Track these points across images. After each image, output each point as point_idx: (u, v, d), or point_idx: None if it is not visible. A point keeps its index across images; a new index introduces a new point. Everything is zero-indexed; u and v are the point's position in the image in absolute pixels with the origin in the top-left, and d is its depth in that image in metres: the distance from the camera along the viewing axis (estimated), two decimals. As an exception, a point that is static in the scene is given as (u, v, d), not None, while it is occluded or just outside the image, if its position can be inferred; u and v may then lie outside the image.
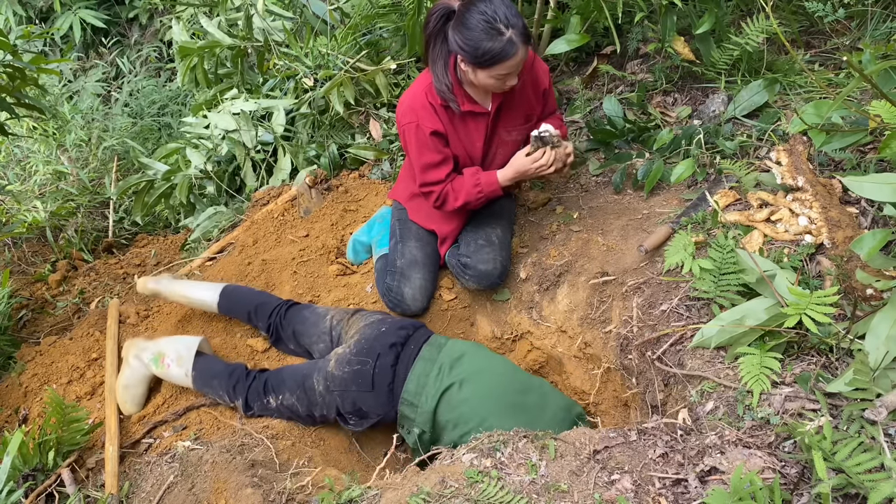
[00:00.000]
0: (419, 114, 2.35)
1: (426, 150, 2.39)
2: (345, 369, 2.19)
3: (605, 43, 3.31)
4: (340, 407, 2.20)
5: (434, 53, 2.29)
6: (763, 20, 2.62)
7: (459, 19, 2.13)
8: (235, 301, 2.64)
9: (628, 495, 1.52)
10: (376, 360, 2.19)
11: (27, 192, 4.38)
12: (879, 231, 1.73)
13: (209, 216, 3.59)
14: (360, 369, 2.18)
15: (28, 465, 2.08)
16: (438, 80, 2.30)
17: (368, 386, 2.16)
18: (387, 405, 2.18)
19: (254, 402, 2.29)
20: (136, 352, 2.47)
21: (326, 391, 2.20)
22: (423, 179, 2.45)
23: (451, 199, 2.45)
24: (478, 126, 2.41)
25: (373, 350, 2.21)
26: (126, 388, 2.42)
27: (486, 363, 2.18)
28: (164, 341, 2.48)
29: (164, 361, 2.41)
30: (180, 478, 2.05)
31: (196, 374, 2.37)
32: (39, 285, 3.47)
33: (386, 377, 2.17)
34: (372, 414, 2.19)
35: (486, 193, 2.42)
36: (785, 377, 1.66)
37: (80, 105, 5.07)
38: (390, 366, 2.19)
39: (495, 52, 2.09)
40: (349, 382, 2.17)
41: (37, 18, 5.88)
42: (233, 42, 3.65)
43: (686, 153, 2.58)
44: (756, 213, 2.12)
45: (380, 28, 3.63)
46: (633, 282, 2.23)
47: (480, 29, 2.08)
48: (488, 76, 2.18)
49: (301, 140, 3.61)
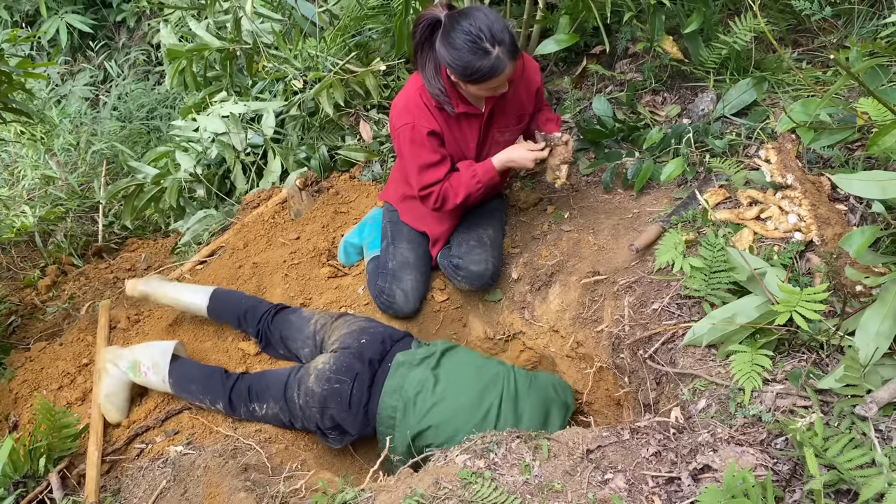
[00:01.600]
0: (415, 114, 2.33)
1: (423, 151, 2.37)
2: (324, 386, 2.18)
3: (594, 43, 3.31)
4: (319, 423, 2.20)
5: (423, 60, 2.28)
6: (751, 19, 2.63)
7: (446, 35, 2.11)
8: (225, 306, 2.63)
9: (622, 494, 1.52)
10: (354, 380, 2.18)
11: (16, 197, 4.35)
12: (868, 228, 1.74)
13: (199, 220, 3.57)
14: (338, 388, 2.18)
15: (19, 472, 2.06)
16: (430, 84, 2.29)
17: (346, 406, 2.17)
18: (364, 425, 2.19)
19: (238, 405, 2.28)
20: (112, 359, 2.43)
21: (306, 406, 2.20)
22: (421, 182, 2.42)
23: (451, 197, 2.42)
24: (471, 127, 2.41)
25: (351, 369, 2.20)
26: (108, 396, 2.39)
27: (452, 380, 2.17)
28: (139, 349, 2.44)
29: (140, 370, 2.38)
30: (173, 483, 2.04)
31: (173, 381, 2.35)
32: (29, 291, 3.45)
33: (362, 398, 2.18)
34: (351, 431, 2.19)
35: (485, 182, 2.39)
36: (776, 374, 1.67)
37: (67, 109, 5.05)
38: (367, 387, 2.19)
39: (484, 70, 2.08)
40: (327, 400, 2.17)
41: (23, 22, 5.85)
42: (221, 45, 3.63)
43: (676, 152, 2.59)
44: (746, 211, 2.13)
45: (369, 29, 3.63)
46: (625, 281, 2.23)
47: (467, 49, 2.06)
48: (478, 89, 2.19)
49: (291, 142, 3.60)
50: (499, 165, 2.39)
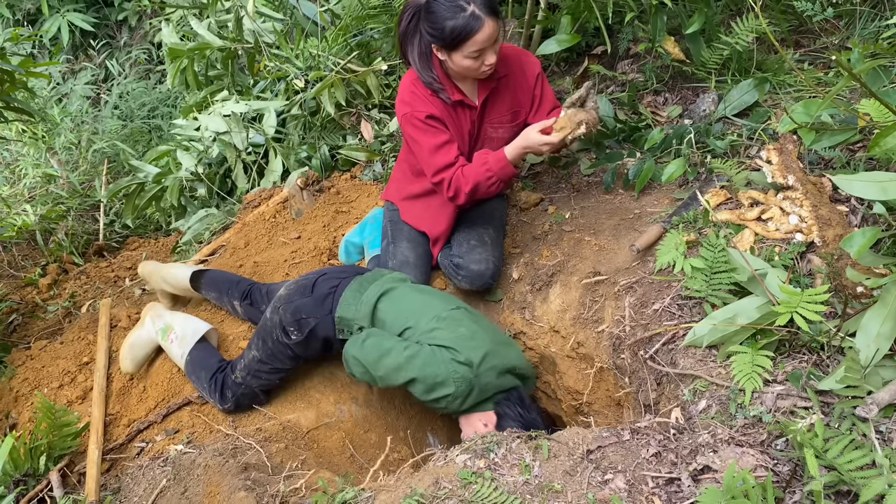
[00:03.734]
0: (412, 104, 2.36)
1: (428, 134, 2.35)
2: (290, 288, 2.29)
3: (595, 43, 3.31)
4: (283, 320, 2.22)
5: (412, 52, 2.33)
6: (752, 20, 2.63)
7: (426, 8, 2.18)
8: (213, 276, 2.71)
9: (622, 495, 1.52)
10: (319, 275, 2.31)
11: (17, 195, 4.36)
12: (869, 229, 1.73)
13: (200, 219, 3.58)
14: (302, 283, 2.29)
15: (19, 471, 2.06)
16: (423, 74, 2.33)
17: (308, 291, 2.25)
18: (323, 309, 2.22)
19: (227, 391, 2.29)
20: (153, 315, 2.53)
21: (273, 312, 2.26)
22: (433, 166, 2.38)
23: (462, 185, 2.36)
24: (466, 119, 2.43)
25: (317, 272, 2.34)
26: (132, 346, 2.48)
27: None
28: (179, 317, 2.52)
29: (169, 336, 2.45)
30: (173, 482, 2.04)
31: (189, 360, 2.38)
32: (30, 289, 3.45)
33: (326, 285, 2.27)
34: (310, 318, 2.21)
35: (496, 171, 2.32)
36: (777, 375, 1.67)
37: (69, 108, 5.05)
38: (331, 286, 2.27)
39: (459, 28, 2.12)
40: (292, 295, 2.26)
41: (24, 21, 5.85)
42: (223, 44, 3.63)
43: (677, 152, 2.59)
44: (747, 212, 2.13)
45: (370, 29, 3.63)
46: (625, 281, 2.23)
47: (444, 9, 2.12)
48: (463, 57, 2.20)
49: (292, 142, 3.60)
50: (513, 154, 2.32)
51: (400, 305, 2.19)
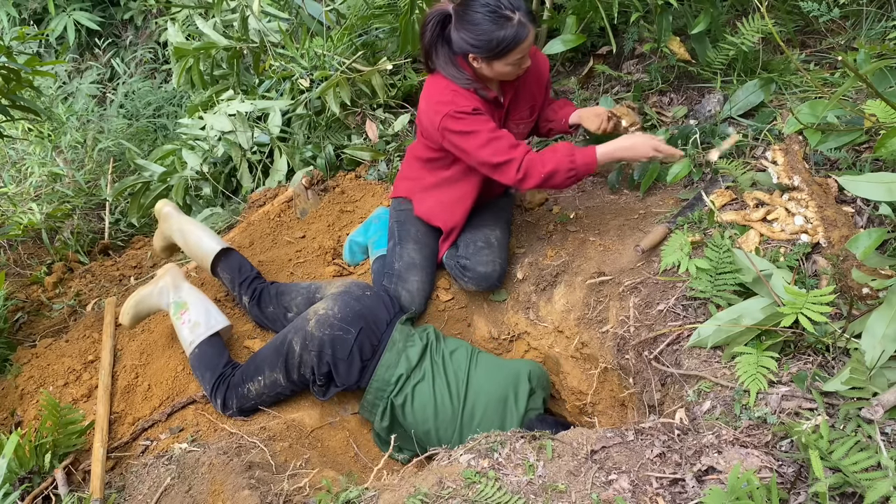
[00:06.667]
0: (454, 101, 2.23)
1: (480, 122, 2.23)
2: (325, 332, 2.20)
3: (600, 43, 3.31)
4: (316, 368, 2.21)
5: (440, 60, 2.27)
6: (758, 20, 2.63)
7: (461, 18, 2.13)
8: (233, 258, 2.65)
9: (626, 495, 1.52)
10: (359, 332, 2.22)
11: (23, 194, 4.37)
12: (875, 230, 1.73)
13: (205, 218, 3.58)
14: (341, 336, 2.20)
15: (24, 468, 2.07)
16: (457, 79, 2.26)
17: (345, 354, 2.20)
18: (357, 378, 2.22)
19: (230, 399, 2.29)
20: (172, 281, 2.46)
21: (304, 350, 2.21)
22: (498, 150, 2.22)
23: (538, 167, 2.20)
24: (495, 117, 2.41)
25: (357, 320, 2.24)
26: (137, 303, 2.43)
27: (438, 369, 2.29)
28: (199, 301, 2.44)
29: (182, 315, 2.38)
30: (177, 480, 2.04)
31: (197, 353, 2.36)
32: (35, 287, 3.46)
33: (365, 353, 2.22)
34: (338, 382, 2.22)
35: (579, 166, 2.20)
36: (782, 376, 1.66)
37: (75, 107, 5.06)
38: (372, 344, 2.23)
39: (509, 38, 2.09)
40: (327, 345, 2.20)
41: (31, 20, 5.87)
42: (228, 43, 3.64)
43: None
44: (752, 213, 2.12)
45: (375, 29, 3.63)
46: (630, 282, 2.23)
47: (488, 21, 2.07)
48: (505, 64, 2.18)
49: (297, 141, 3.61)
50: (604, 157, 2.21)
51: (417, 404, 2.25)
